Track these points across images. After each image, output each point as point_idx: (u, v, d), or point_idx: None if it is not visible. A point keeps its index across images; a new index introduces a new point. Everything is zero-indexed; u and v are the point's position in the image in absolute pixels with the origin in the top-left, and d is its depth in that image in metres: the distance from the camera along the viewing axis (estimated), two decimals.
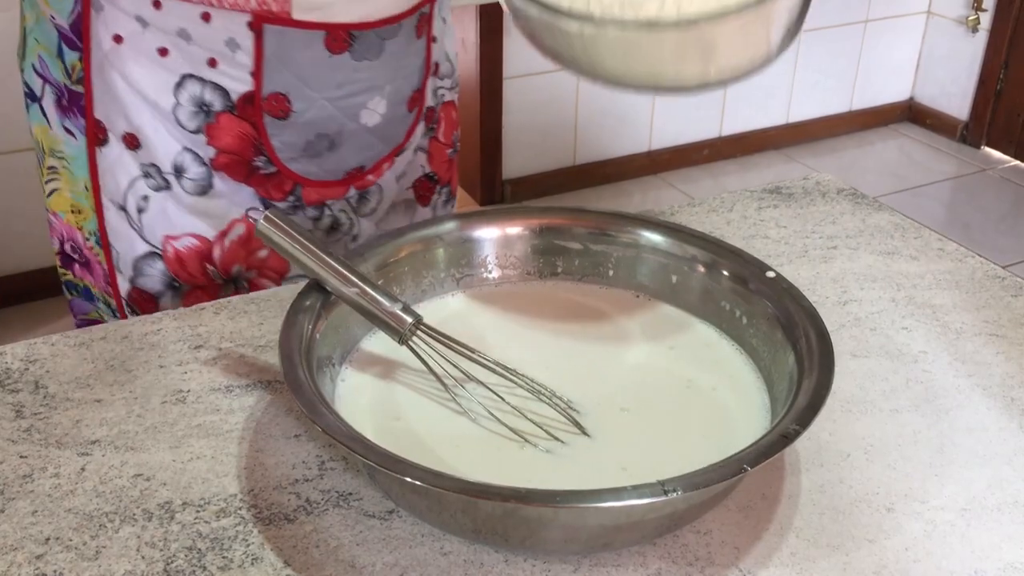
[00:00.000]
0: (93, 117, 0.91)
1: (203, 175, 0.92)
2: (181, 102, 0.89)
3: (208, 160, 0.91)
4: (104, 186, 0.93)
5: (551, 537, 0.63)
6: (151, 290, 0.96)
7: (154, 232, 0.94)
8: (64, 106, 0.92)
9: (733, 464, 0.60)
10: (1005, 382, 0.82)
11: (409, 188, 1.09)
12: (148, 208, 0.93)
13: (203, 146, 0.90)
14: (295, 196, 0.95)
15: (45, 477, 0.71)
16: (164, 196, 0.93)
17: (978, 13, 3.40)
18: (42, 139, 0.96)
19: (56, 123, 0.94)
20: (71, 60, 0.91)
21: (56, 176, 0.96)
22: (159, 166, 0.91)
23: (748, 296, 0.79)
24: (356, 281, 0.73)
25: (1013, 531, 0.68)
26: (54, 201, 0.98)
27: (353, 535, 0.66)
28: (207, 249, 0.95)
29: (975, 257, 1.00)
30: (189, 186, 0.92)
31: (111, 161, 0.92)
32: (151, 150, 0.91)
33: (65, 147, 0.94)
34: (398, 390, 0.75)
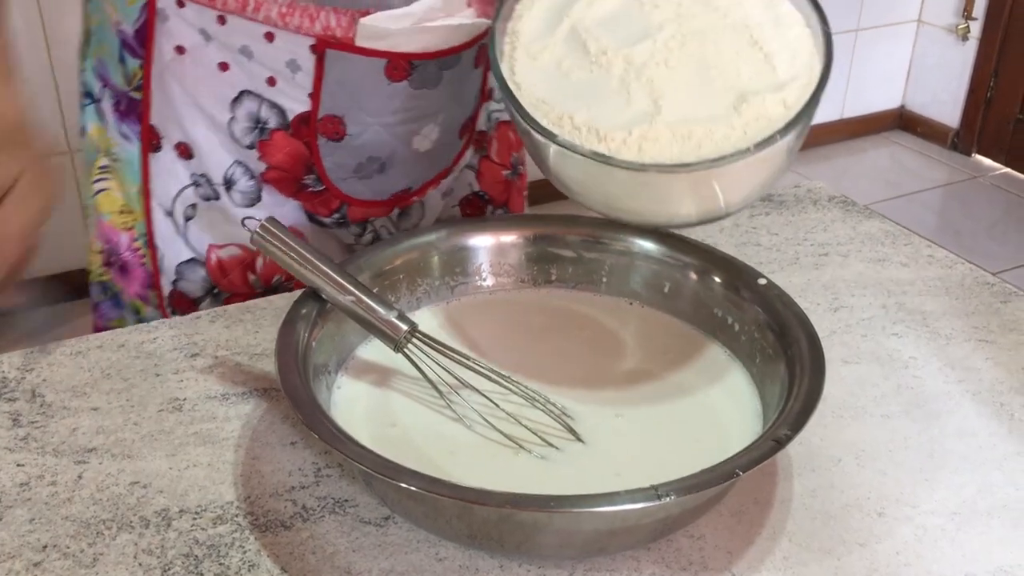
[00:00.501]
0: (149, 124, 0.92)
1: (252, 188, 0.93)
2: (237, 117, 0.90)
3: (258, 174, 0.92)
4: (154, 191, 0.94)
5: (546, 542, 0.63)
6: (191, 295, 0.97)
7: (200, 240, 0.95)
8: (121, 111, 0.94)
9: (726, 469, 0.60)
10: (994, 387, 0.83)
11: (455, 206, 1.09)
12: (196, 216, 0.94)
13: (255, 161, 0.91)
14: (340, 213, 0.96)
15: (42, 485, 0.71)
16: (212, 206, 0.94)
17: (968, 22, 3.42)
18: (98, 139, 0.97)
19: (112, 126, 0.95)
20: (132, 67, 0.92)
21: (107, 176, 0.98)
22: (210, 177, 0.93)
23: (740, 303, 0.79)
24: (351, 289, 0.74)
25: (1003, 535, 0.68)
26: (101, 201, 0.99)
27: (349, 541, 0.67)
28: (250, 259, 0.96)
29: (965, 263, 1.01)
30: (238, 198, 0.93)
31: (163, 168, 0.93)
32: (203, 160, 0.92)
33: (120, 150, 0.95)
34: (394, 397, 0.76)
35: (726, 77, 0.72)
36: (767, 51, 0.73)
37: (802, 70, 0.72)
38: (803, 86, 0.71)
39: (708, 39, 0.73)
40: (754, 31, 0.73)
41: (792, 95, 0.70)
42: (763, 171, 0.73)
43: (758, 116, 0.70)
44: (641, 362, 0.80)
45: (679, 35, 0.74)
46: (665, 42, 0.73)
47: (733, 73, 0.72)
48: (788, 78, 0.71)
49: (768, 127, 0.69)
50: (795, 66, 0.72)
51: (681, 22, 0.74)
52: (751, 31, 0.73)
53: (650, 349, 0.81)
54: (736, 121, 0.70)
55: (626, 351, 0.81)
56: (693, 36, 0.73)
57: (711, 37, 0.73)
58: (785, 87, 0.71)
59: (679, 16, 0.75)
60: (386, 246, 0.85)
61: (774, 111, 0.70)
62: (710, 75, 0.72)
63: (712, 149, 0.69)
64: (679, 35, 0.74)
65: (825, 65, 0.72)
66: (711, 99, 0.71)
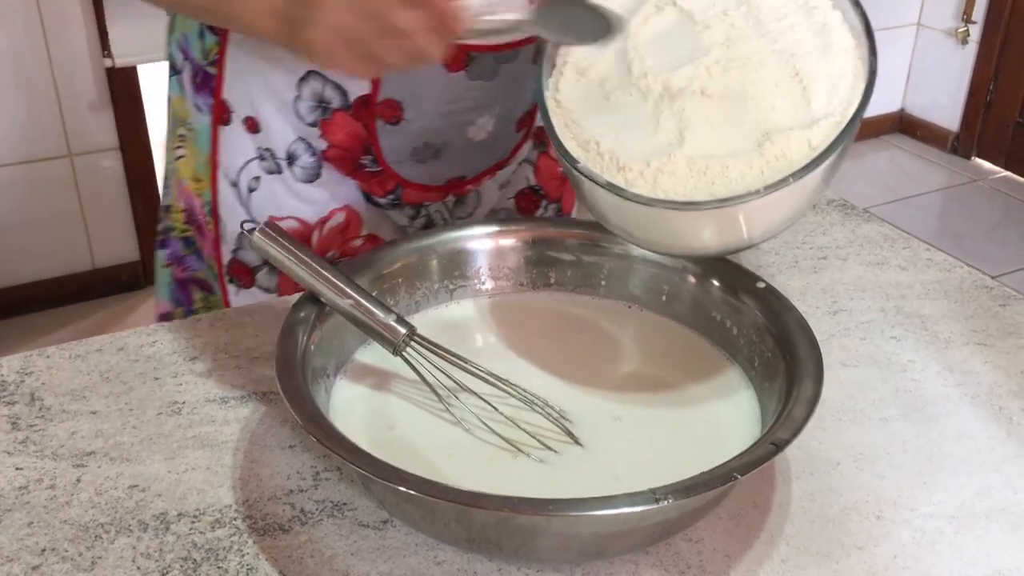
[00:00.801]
0: (220, 98, 0.96)
1: (313, 164, 0.96)
2: (302, 95, 0.93)
3: (319, 152, 0.96)
4: (221, 162, 0.98)
5: (544, 546, 0.63)
6: (249, 263, 1.01)
7: (261, 211, 0.98)
8: (197, 84, 0.97)
9: (724, 472, 0.60)
10: (993, 391, 0.83)
11: (511, 198, 1.11)
12: (258, 188, 0.98)
13: (316, 139, 0.95)
14: (395, 195, 0.99)
15: (41, 488, 0.71)
16: (274, 179, 0.97)
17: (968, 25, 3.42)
18: (177, 109, 1.02)
19: (189, 97, 0.99)
20: (209, 42, 0.95)
21: (183, 144, 1.02)
22: (274, 151, 0.96)
23: (738, 307, 0.79)
24: (350, 292, 0.74)
25: (1001, 538, 0.68)
26: (181, 167, 1.03)
27: (347, 545, 0.67)
28: (307, 232, 0.99)
29: (964, 267, 1.01)
30: (299, 173, 0.96)
31: (231, 140, 0.97)
32: (269, 135, 0.95)
33: (193, 120, 0.99)
34: (392, 401, 0.76)
35: (759, 110, 0.72)
36: (807, 83, 0.72)
37: (838, 107, 0.71)
38: (834, 125, 0.70)
39: (750, 67, 0.73)
40: (799, 61, 0.73)
41: (819, 135, 0.70)
42: (786, 206, 0.73)
43: (780, 155, 0.70)
44: (640, 366, 0.80)
45: (723, 60, 0.74)
46: (707, 67, 0.74)
47: (767, 106, 0.72)
48: (821, 115, 0.71)
49: (787, 167, 0.69)
50: (831, 103, 0.71)
51: (729, 46, 0.75)
52: (796, 61, 0.73)
53: (649, 353, 0.81)
54: (755, 160, 0.70)
55: (625, 355, 0.81)
56: (736, 62, 0.73)
57: (754, 65, 0.73)
58: (815, 125, 0.71)
59: (728, 39, 0.75)
60: (385, 249, 0.85)
61: (797, 151, 0.70)
62: (743, 107, 0.72)
63: (724, 187, 0.69)
64: (723, 60, 0.74)
65: (860, 105, 0.71)
66: (737, 133, 0.72)
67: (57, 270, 2.56)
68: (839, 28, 0.75)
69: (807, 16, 0.75)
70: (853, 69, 0.73)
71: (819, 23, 0.75)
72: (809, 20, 0.75)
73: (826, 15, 0.75)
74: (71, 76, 2.38)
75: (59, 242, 2.53)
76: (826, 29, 0.74)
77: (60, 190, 2.48)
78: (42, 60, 2.33)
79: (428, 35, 0.69)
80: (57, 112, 2.40)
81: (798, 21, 0.75)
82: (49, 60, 2.34)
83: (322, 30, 0.69)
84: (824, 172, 0.71)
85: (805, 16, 0.75)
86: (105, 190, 2.53)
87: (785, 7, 0.76)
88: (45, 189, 2.46)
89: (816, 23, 0.75)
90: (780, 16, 0.75)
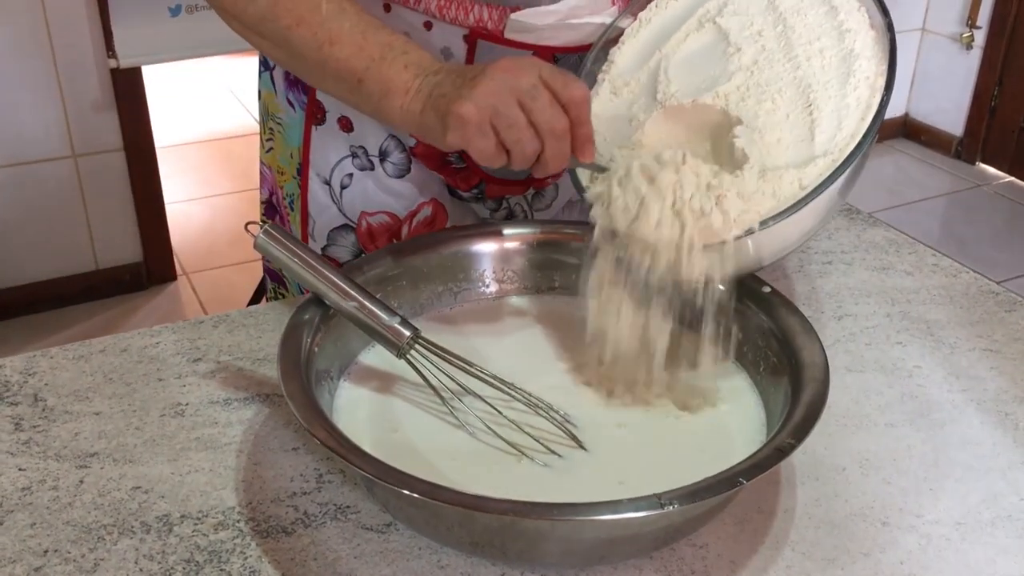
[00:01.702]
0: (315, 98, 0.98)
1: (403, 160, 0.98)
2: None
3: (409, 148, 0.98)
4: (314, 161, 1.01)
5: (549, 550, 0.63)
6: (340, 259, 1.03)
7: (353, 207, 1.00)
8: (291, 80, 1.00)
9: (729, 478, 0.60)
10: (999, 396, 0.82)
11: None
12: (351, 185, 1.00)
13: (407, 136, 0.97)
14: (479, 189, 1.01)
15: (44, 490, 0.71)
16: (366, 175, 0.99)
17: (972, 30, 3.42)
18: (268, 103, 1.05)
19: (281, 93, 1.01)
20: None
21: (272, 137, 1.05)
22: (367, 148, 0.98)
23: (744, 311, 0.79)
24: (355, 295, 0.74)
25: (1007, 545, 0.68)
26: (270, 157, 1.07)
27: (351, 548, 0.66)
28: (397, 226, 1.01)
29: (969, 272, 1.00)
30: (390, 169, 0.99)
31: (324, 139, 0.99)
32: (362, 134, 0.98)
33: (284, 116, 1.02)
34: (396, 403, 0.75)
35: (763, 143, 0.73)
36: (816, 116, 0.73)
37: (840, 144, 0.71)
38: (830, 163, 0.71)
39: (767, 95, 0.74)
40: (815, 92, 0.73)
41: (812, 175, 0.71)
42: (780, 238, 0.73)
43: (770, 193, 0.71)
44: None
45: (744, 87, 0.75)
46: (727, 94, 0.75)
47: (772, 140, 0.73)
48: (820, 152, 0.72)
49: (774, 207, 0.70)
50: (835, 139, 0.72)
51: (754, 71, 0.76)
52: (812, 92, 0.73)
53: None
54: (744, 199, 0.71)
55: None
56: (756, 90, 0.74)
57: (771, 93, 0.74)
58: (811, 163, 0.71)
59: (756, 64, 0.76)
60: (390, 252, 0.85)
61: (787, 190, 0.71)
62: (750, 140, 0.73)
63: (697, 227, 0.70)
64: (744, 87, 0.75)
65: (856, 147, 0.71)
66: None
67: (60, 271, 2.56)
68: (865, 55, 0.75)
69: (839, 40, 0.76)
70: (867, 100, 0.73)
71: (847, 49, 0.75)
72: (839, 45, 0.75)
73: (856, 39, 0.75)
74: (75, 77, 2.38)
75: (63, 243, 2.53)
76: (852, 56, 0.75)
77: (64, 191, 2.48)
78: (47, 61, 2.34)
79: (559, 141, 0.73)
80: (61, 113, 2.40)
81: (828, 44, 0.76)
82: (54, 61, 2.34)
83: (470, 104, 0.71)
84: (823, 208, 0.71)
85: (837, 39, 0.76)
86: (109, 191, 2.53)
87: (820, 27, 0.77)
88: (49, 189, 2.46)
89: (845, 49, 0.75)
90: (813, 38, 0.76)
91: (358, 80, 0.78)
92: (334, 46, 0.79)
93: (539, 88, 0.72)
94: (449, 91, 0.74)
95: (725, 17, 0.80)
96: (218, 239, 2.85)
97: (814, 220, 0.74)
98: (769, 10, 0.78)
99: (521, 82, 0.71)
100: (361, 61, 0.78)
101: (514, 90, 0.71)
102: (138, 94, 2.48)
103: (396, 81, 0.77)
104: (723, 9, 0.81)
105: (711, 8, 0.82)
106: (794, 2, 0.78)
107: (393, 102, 0.77)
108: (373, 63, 0.78)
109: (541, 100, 0.72)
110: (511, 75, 0.72)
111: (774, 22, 0.77)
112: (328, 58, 0.79)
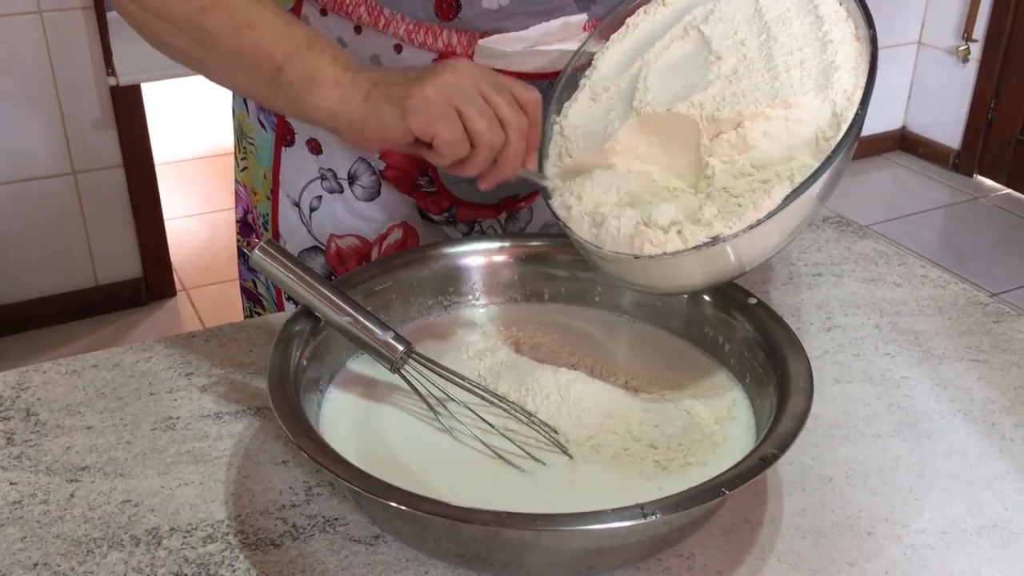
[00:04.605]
0: (284, 119, 0.97)
1: (373, 184, 0.98)
2: None
3: (379, 171, 0.98)
4: (283, 182, 1.00)
5: (534, 561, 0.63)
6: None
7: (322, 229, 1.01)
8: None
9: (712, 488, 0.60)
10: (986, 407, 0.83)
11: None
12: (320, 207, 1.00)
13: (376, 159, 0.97)
14: (450, 213, 1.01)
15: (34, 504, 0.72)
16: (335, 198, 0.99)
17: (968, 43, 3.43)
18: (241, 122, 1.05)
19: (253, 113, 1.01)
20: None
21: (246, 156, 1.05)
22: (336, 171, 0.98)
23: (730, 322, 0.80)
24: (348, 309, 0.74)
25: (992, 554, 0.68)
26: (244, 175, 1.07)
27: (338, 560, 0.67)
28: (367, 249, 1.01)
29: (958, 283, 1.01)
30: (359, 192, 0.99)
31: (294, 161, 0.99)
32: (331, 156, 0.98)
33: (256, 136, 1.02)
34: (383, 411, 0.76)
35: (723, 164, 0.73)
36: (780, 136, 0.72)
37: (794, 172, 0.70)
38: (786, 186, 0.69)
39: (743, 105, 0.73)
40: (788, 110, 0.72)
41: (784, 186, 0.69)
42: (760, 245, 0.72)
43: (725, 210, 0.70)
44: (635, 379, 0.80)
45: (721, 96, 0.74)
46: (702, 103, 0.74)
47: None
48: (786, 174, 0.70)
49: (739, 222, 0.69)
50: (789, 167, 0.71)
51: (732, 81, 0.75)
52: (788, 110, 0.72)
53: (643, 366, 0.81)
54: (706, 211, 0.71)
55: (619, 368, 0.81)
56: (732, 100, 0.74)
57: (747, 103, 0.73)
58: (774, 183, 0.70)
59: (735, 73, 0.75)
60: (380, 266, 0.85)
61: (747, 209, 0.69)
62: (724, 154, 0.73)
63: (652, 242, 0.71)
64: (721, 96, 0.74)
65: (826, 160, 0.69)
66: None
67: (60, 287, 2.57)
68: (846, 66, 0.73)
69: (821, 51, 0.75)
70: (838, 122, 0.71)
71: (828, 60, 0.74)
72: (821, 56, 0.74)
73: (839, 51, 0.74)
74: (75, 94, 2.39)
75: (62, 259, 2.54)
76: (832, 67, 0.73)
77: (64, 207, 2.49)
78: (46, 78, 2.35)
79: (520, 140, 0.73)
80: (61, 130, 2.41)
81: (810, 55, 0.75)
82: (53, 78, 2.36)
83: (434, 90, 0.71)
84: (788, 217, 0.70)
85: (819, 50, 0.75)
86: (108, 208, 2.54)
87: (804, 37, 0.76)
88: (48, 206, 2.47)
89: (826, 60, 0.74)
90: (795, 49, 0.75)
91: (277, 67, 0.74)
92: (253, 29, 0.75)
93: (500, 85, 0.71)
94: (401, 81, 0.72)
95: (710, 24, 0.79)
96: (218, 255, 2.86)
97: (793, 223, 0.73)
98: (755, 19, 0.78)
99: (480, 77, 0.70)
100: (286, 46, 0.74)
101: (477, 81, 0.70)
102: (137, 111, 2.50)
103: (325, 72, 0.74)
104: (709, 16, 0.80)
105: (698, 15, 0.81)
106: (781, 11, 0.78)
107: (320, 92, 0.74)
108: (299, 50, 0.74)
109: (504, 95, 0.71)
110: (465, 71, 0.71)
111: (758, 31, 0.77)
112: (246, 42, 0.75)
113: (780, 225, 0.70)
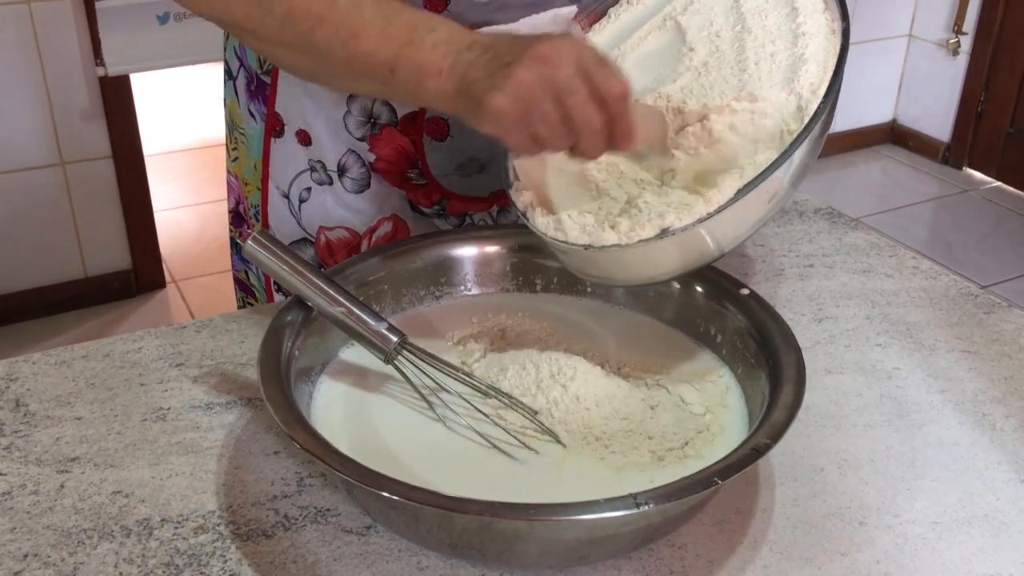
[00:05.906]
0: (274, 110, 0.97)
1: (363, 176, 0.98)
2: (352, 111, 0.94)
3: (369, 164, 0.97)
4: (273, 173, 1.00)
5: (527, 551, 0.63)
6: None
7: (311, 221, 1.00)
8: (252, 91, 0.99)
9: (704, 478, 0.60)
10: (977, 397, 0.83)
11: None
12: (309, 199, 1.00)
13: (366, 152, 0.96)
14: (440, 206, 1.00)
15: (24, 494, 0.71)
16: (325, 190, 0.99)
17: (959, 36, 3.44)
18: (232, 113, 1.05)
19: (243, 103, 1.01)
20: None
21: (237, 147, 1.05)
22: (325, 163, 0.98)
23: (723, 312, 0.80)
24: (342, 300, 0.74)
25: (983, 544, 0.69)
26: (236, 166, 1.07)
27: (331, 551, 0.67)
28: (356, 242, 1.01)
29: (949, 275, 1.01)
30: (349, 184, 0.98)
31: (283, 152, 0.99)
32: (320, 148, 0.97)
33: (246, 126, 1.02)
34: (374, 400, 0.76)
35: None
36: (745, 129, 0.71)
37: (759, 163, 0.69)
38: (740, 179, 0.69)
39: (709, 98, 0.73)
40: (754, 103, 0.72)
41: (748, 175, 0.69)
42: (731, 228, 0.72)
43: (682, 202, 0.71)
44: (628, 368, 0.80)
45: (688, 88, 0.74)
46: (669, 96, 0.74)
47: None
48: (736, 167, 0.70)
49: (689, 215, 0.69)
50: (755, 160, 0.70)
51: (702, 73, 0.75)
52: (752, 103, 0.72)
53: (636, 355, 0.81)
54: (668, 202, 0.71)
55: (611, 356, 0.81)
56: (699, 92, 0.73)
57: (712, 96, 0.73)
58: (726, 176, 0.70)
59: (705, 65, 0.75)
60: (372, 256, 0.85)
61: (698, 203, 0.69)
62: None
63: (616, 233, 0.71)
64: (688, 88, 0.74)
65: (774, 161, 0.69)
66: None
67: (49, 278, 2.56)
68: (816, 59, 0.73)
69: (792, 43, 0.74)
70: (802, 115, 0.71)
71: (798, 53, 0.74)
72: (792, 49, 0.74)
73: (809, 44, 0.74)
74: (64, 85, 2.38)
75: (51, 250, 2.53)
76: (800, 60, 0.73)
77: (52, 198, 2.48)
78: (35, 68, 2.34)
79: (596, 136, 0.69)
80: (50, 120, 2.40)
81: (781, 48, 0.74)
82: (42, 68, 2.34)
83: (505, 97, 0.68)
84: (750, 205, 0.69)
85: (791, 43, 0.75)
86: (97, 199, 2.53)
87: (778, 30, 0.76)
88: (37, 197, 2.46)
89: (796, 53, 0.74)
90: (767, 41, 0.75)
91: (390, 71, 0.75)
92: (359, 39, 0.75)
93: (576, 82, 0.67)
94: (482, 76, 0.70)
95: (688, 15, 0.79)
96: (207, 246, 2.85)
97: (754, 215, 0.72)
98: (732, 10, 0.78)
99: (558, 75, 0.67)
100: (389, 49, 0.74)
101: (550, 84, 0.68)
102: (126, 102, 2.49)
103: (428, 63, 0.73)
104: (688, 7, 0.80)
105: (678, 6, 0.81)
106: (759, 3, 0.78)
107: (428, 85, 0.73)
108: (402, 49, 0.74)
109: (578, 96, 0.68)
110: (548, 67, 0.67)
111: (734, 22, 0.77)
112: (354, 53, 0.76)
113: (734, 217, 0.69)
